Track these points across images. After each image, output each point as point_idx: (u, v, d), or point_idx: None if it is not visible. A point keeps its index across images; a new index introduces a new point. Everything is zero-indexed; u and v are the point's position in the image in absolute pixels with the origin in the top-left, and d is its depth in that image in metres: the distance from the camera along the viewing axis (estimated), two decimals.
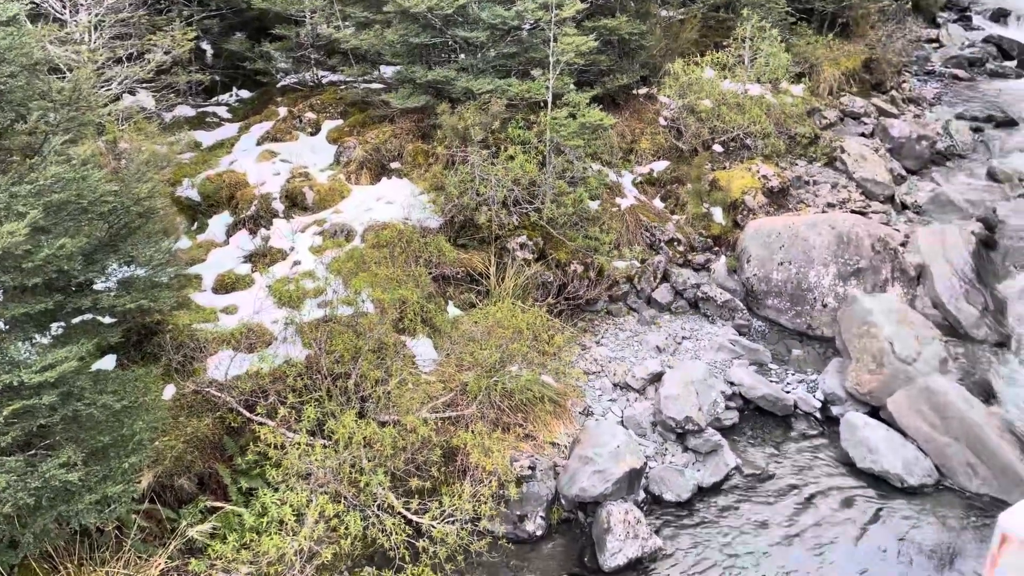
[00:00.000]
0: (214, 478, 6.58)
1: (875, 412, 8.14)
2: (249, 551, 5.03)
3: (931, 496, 7.36)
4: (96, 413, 4.93)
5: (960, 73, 17.00)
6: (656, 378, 8.50)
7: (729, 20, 14.15)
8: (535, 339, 7.48)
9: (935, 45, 18.59)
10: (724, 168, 11.37)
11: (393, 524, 5.71)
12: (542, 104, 9.77)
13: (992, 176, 12.64)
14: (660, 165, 11.36)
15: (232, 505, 6.26)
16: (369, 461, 6.00)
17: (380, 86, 11.50)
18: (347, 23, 11.71)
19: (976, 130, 14.12)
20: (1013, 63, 17.83)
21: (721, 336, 9.28)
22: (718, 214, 10.77)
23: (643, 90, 12.49)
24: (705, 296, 9.71)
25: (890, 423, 7.87)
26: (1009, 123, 14.49)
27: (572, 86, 10.02)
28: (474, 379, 6.98)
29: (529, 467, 7.25)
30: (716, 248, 10.57)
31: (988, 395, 8.25)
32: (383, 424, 6.41)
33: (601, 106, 10.12)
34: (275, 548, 4.89)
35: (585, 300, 9.49)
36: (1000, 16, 20.99)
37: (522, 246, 9.26)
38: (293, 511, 5.15)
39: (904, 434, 7.74)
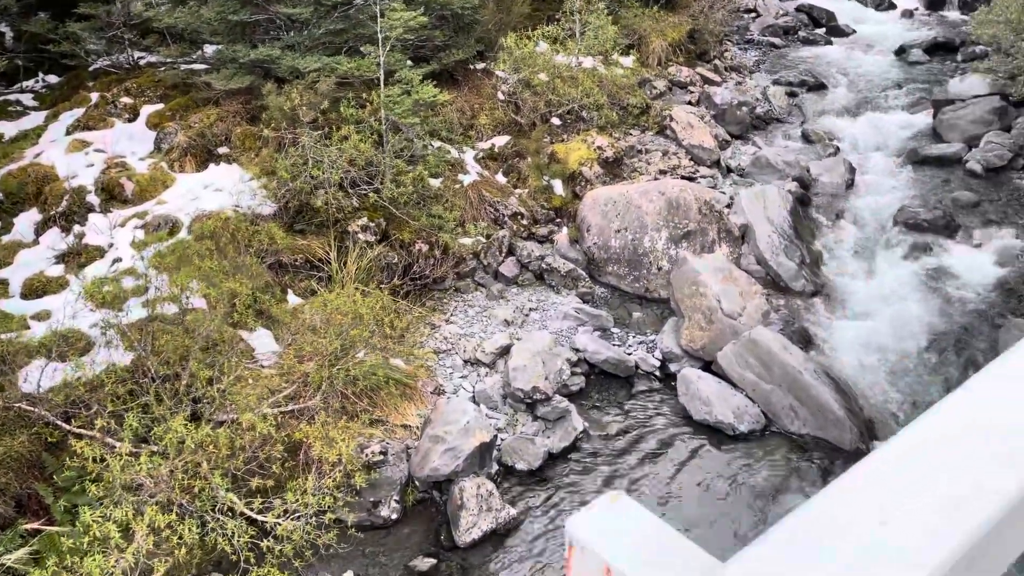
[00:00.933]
0: (34, 498, 6.10)
1: (708, 366, 8.65)
2: (71, 574, 4.71)
3: (760, 441, 7.93)
4: None
5: (776, 41, 18.12)
6: (505, 351, 8.63)
7: None
8: (378, 323, 7.38)
9: (753, 15, 19.69)
10: (562, 141, 11.60)
11: (235, 526, 5.51)
12: (376, 81, 9.56)
13: (806, 138, 13.62)
14: (501, 140, 11.43)
15: (58, 526, 5.83)
16: (206, 464, 5.74)
17: (203, 67, 10.88)
18: None
19: (791, 95, 15.13)
20: (822, 30, 19.21)
21: (566, 305, 9.53)
22: (558, 186, 11.00)
23: (480, 65, 12.49)
24: (549, 267, 9.92)
25: (721, 376, 8.39)
26: (820, 87, 15.63)
27: (408, 62, 9.87)
28: (315, 369, 6.82)
29: (380, 452, 7.19)
30: (558, 220, 10.80)
31: (806, 342, 8.96)
32: (220, 424, 6.15)
33: (439, 82, 10.03)
34: (99, 569, 4.60)
35: (432, 279, 9.45)
36: None
37: (364, 228, 9.08)
38: (119, 527, 4.85)
39: (734, 385, 8.28)
